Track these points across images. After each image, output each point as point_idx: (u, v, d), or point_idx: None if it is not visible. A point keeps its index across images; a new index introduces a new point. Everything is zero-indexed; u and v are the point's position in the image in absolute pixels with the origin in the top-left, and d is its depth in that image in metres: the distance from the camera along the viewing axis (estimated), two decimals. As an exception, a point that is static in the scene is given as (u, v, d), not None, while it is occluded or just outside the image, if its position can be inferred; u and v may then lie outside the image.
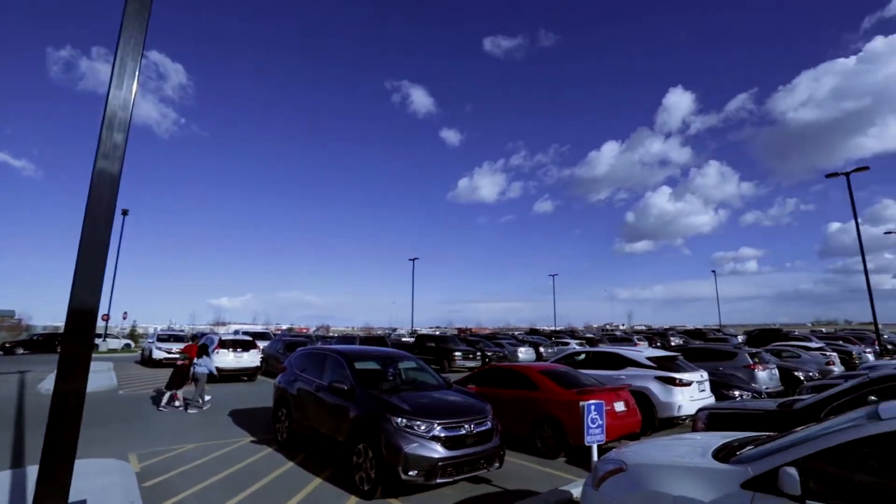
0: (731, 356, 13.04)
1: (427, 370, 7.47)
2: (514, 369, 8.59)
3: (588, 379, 8.22)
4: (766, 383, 12.37)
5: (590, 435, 5.63)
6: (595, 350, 11.25)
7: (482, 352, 25.15)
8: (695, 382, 9.03)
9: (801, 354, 17.76)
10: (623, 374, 9.43)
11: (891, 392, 4.90)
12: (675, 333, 44.82)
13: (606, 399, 7.05)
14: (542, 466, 6.92)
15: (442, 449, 5.34)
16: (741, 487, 2.78)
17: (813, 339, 23.20)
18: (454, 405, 6.05)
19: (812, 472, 2.58)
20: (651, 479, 3.22)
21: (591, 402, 5.74)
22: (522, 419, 7.75)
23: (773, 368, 13.03)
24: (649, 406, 8.86)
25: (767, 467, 2.72)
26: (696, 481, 2.99)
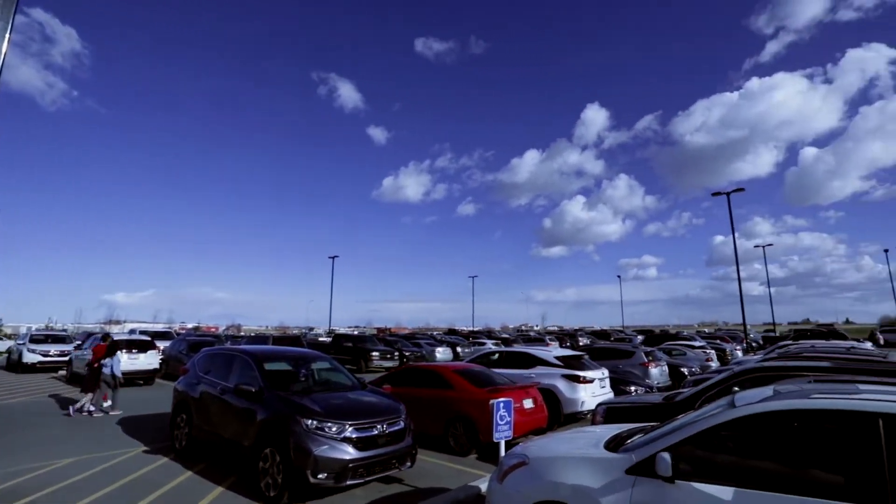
0: (630, 355, 14.25)
1: (341, 370, 7.35)
2: (429, 369, 8.72)
3: (500, 378, 8.55)
4: (658, 379, 13.67)
5: (498, 431, 5.88)
6: (508, 350, 11.76)
7: (400, 352, 25.15)
8: (597, 380, 9.76)
9: (686, 352, 19.84)
10: (533, 372, 9.94)
11: (750, 383, 5.64)
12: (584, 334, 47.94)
13: (516, 397, 7.40)
14: (455, 464, 7.10)
15: (353, 450, 5.29)
16: (626, 473, 3.08)
17: (696, 339, 26.01)
18: (367, 406, 6.02)
19: (682, 456, 2.93)
20: (550, 470, 3.45)
21: (500, 401, 6.00)
22: (437, 418, 7.89)
23: (663, 365, 14.44)
24: (556, 402, 9.43)
25: (647, 454, 3.04)
26: (588, 470, 3.26)
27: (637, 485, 3.00)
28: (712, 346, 23.59)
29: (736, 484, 2.72)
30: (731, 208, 28.50)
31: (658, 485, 2.90)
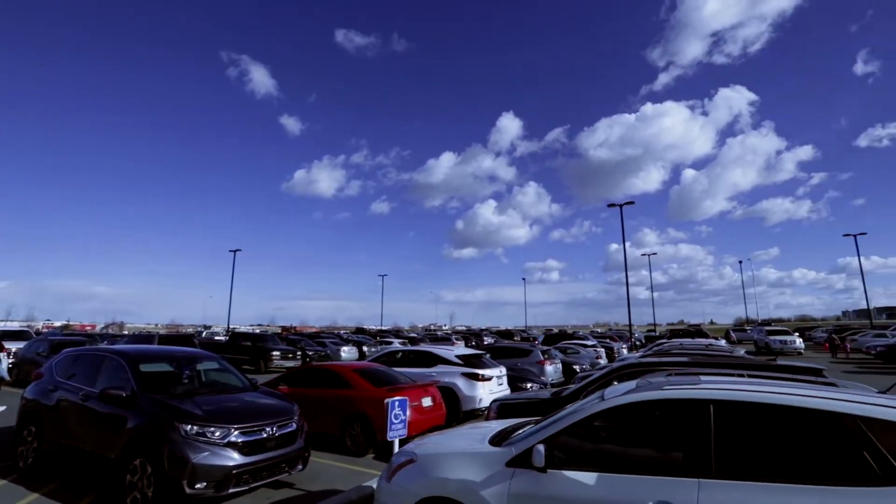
0: (527, 353, 15.06)
1: (231, 371, 6.88)
2: (328, 368, 8.51)
3: (401, 377, 8.58)
4: (552, 376, 14.60)
5: (392, 430, 5.89)
6: (411, 349, 11.85)
7: (303, 351, 24.25)
8: (495, 377, 10.17)
9: (579, 351, 21.44)
10: (434, 371, 10.11)
11: (626, 377, 6.22)
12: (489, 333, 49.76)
13: (415, 395, 7.46)
14: (351, 465, 6.98)
15: (238, 455, 4.98)
16: (506, 466, 3.24)
17: (589, 338, 28.21)
18: (257, 407, 5.70)
19: (557, 447, 3.15)
20: (437, 467, 3.52)
21: (395, 399, 6.01)
22: (334, 418, 7.72)
23: (557, 363, 15.45)
24: (456, 400, 9.68)
25: (525, 447, 3.22)
26: (473, 465, 3.38)
27: (515, 476, 3.16)
28: (602, 344, 25.71)
29: (601, 469, 2.98)
30: (624, 219, 31.39)
31: (533, 475, 3.09)
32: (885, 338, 28.90)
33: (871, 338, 30.38)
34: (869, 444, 2.47)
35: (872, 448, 2.46)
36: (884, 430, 2.49)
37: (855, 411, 2.59)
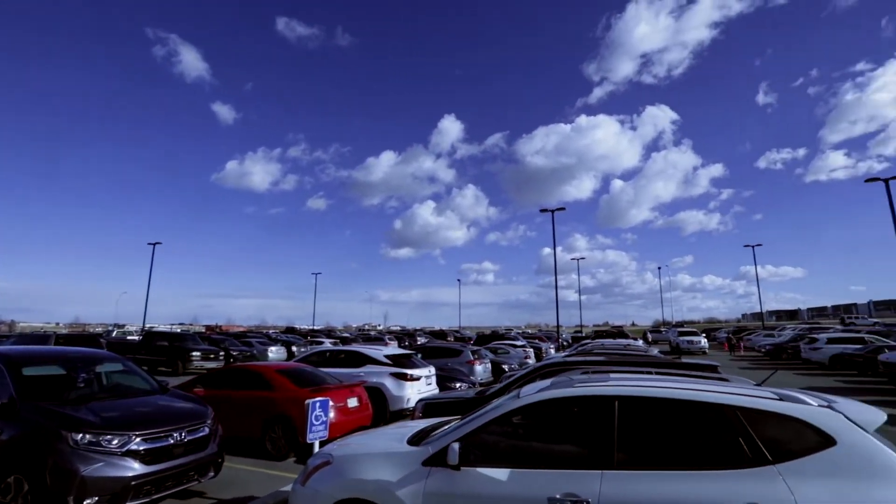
0: (458, 353, 15.25)
1: (137, 373, 6.35)
2: (248, 369, 8.11)
3: (327, 377, 8.36)
4: (482, 375, 14.88)
5: (312, 432, 5.71)
6: (338, 349, 11.60)
7: (227, 351, 22.98)
8: (423, 377, 10.20)
9: (509, 351, 22.04)
10: (363, 371, 9.95)
11: (548, 375, 6.47)
12: (423, 334, 49.89)
13: (340, 396, 7.30)
14: (270, 469, 6.68)
15: (139, 465, 4.58)
16: (422, 465, 3.24)
17: (519, 339, 29.09)
18: (164, 412, 5.30)
19: (472, 444, 3.19)
20: (354, 468, 3.46)
21: (316, 400, 5.83)
22: (254, 421, 7.37)
23: (487, 363, 15.78)
24: (384, 400, 9.59)
25: (441, 445, 3.24)
26: (390, 465, 3.35)
27: (431, 475, 3.18)
28: (531, 345, 26.58)
29: (513, 465, 3.06)
30: (555, 224, 32.70)
31: (448, 473, 3.12)
32: (772, 338, 32.40)
33: (761, 338, 33.98)
34: (744, 430, 2.74)
35: (746, 434, 2.73)
36: (754, 418, 2.77)
37: (733, 402, 2.86)
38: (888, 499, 2.40)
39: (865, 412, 2.80)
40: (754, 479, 2.60)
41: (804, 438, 2.67)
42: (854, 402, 2.92)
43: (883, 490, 2.43)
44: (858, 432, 2.63)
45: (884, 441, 2.66)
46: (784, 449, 2.66)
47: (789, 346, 27.77)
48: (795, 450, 2.65)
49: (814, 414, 2.74)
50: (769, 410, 2.80)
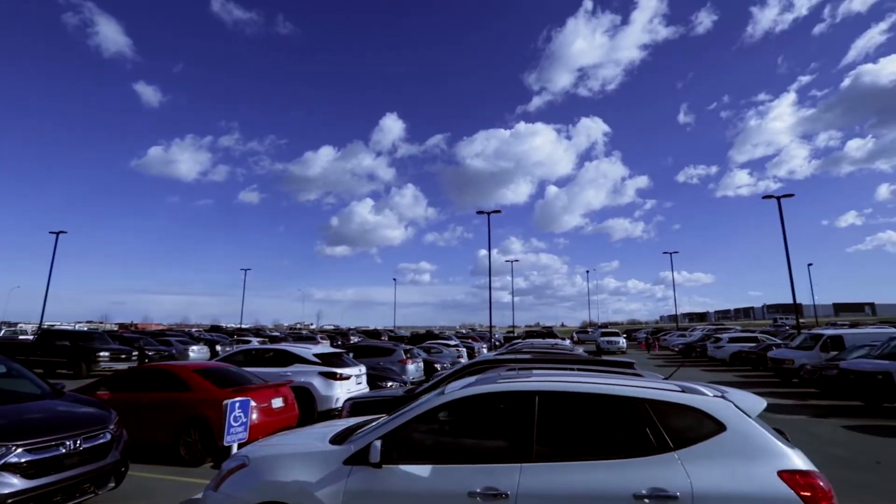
0: (390, 352, 15.14)
1: (25, 375, 5.68)
2: (163, 369, 7.54)
3: (252, 377, 7.97)
4: (414, 374, 14.88)
5: (230, 434, 5.41)
6: (264, 347, 11.12)
7: (141, 351, 21.28)
8: (353, 376, 10.00)
9: (442, 350, 22.23)
10: (290, 370, 9.60)
11: (477, 373, 6.58)
12: (357, 333, 49.08)
13: (263, 396, 6.98)
14: (184, 477, 6.24)
15: (19, 479, 4.06)
16: (343, 464, 3.17)
17: (453, 339, 29.41)
18: (56, 418, 4.77)
19: (395, 442, 3.16)
20: (271, 470, 3.30)
21: (235, 400, 5.54)
22: (168, 424, 6.85)
23: (419, 362, 15.79)
24: (311, 400, 9.30)
25: (364, 443, 3.19)
26: (310, 465, 3.23)
27: (352, 474, 3.11)
28: (465, 344, 27.01)
29: (436, 461, 3.06)
30: (491, 227, 33.41)
31: (370, 471, 3.06)
32: (684, 337, 35.19)
33: (675, 337, 36.83)
34: (650, 421, 2.93)
35: (652, 424, 2.92)
36: (660, 409, 2.98)
37: (642, 395, 3.05)
38: (766, 474, 2.68)
39: (750, 400, 3.10)
40: (657, 465, 2.79)
41: (700, 426, 2.91)
42: (741, 392, 3.22)
43: (762, 467, 2.71)
44: (744, 418, 2.91)
45: (763, 425, 2.95)
46: (684, 436, 2.88)
47: (698, 345, 30.31)
48: (693, 436, 2.88)
49: (709, 403, 2.99)
50: (672, 402, 3.02)
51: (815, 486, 2.62)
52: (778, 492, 2.61)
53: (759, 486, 2.64)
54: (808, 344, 17.32)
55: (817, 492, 2.59)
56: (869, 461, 7.14)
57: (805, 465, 2.72)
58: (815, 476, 2.67)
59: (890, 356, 12.10)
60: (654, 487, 2.69)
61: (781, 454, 2.76)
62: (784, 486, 2.62)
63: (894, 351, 12.20)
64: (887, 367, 11.49)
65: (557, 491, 2.80)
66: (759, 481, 2.66)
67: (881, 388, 11.26)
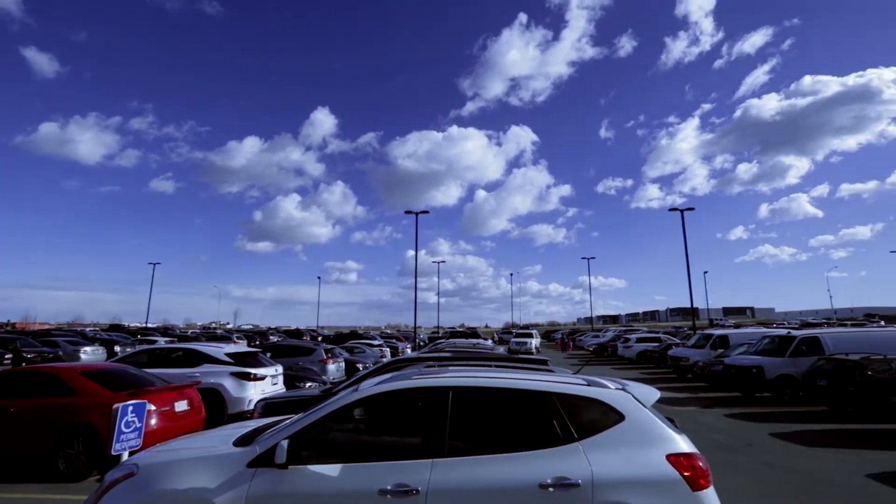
0: (310, 352, 14.62)
1: None
2: (42, 371, 6.66)
3: (154, 378, 7.30)
4: (335, 374, 14.48)
5: (120, 442, 4.90)
6: (171, 347, 10.28)
7: (18, 353, 18.76)
8: (269, 377, 9.53)
9: (365, 350, 21.89)
10: (199, 371, 8.94)
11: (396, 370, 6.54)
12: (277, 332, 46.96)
13: (163, 399, 6.42)
14: (63, 494, 5.54)
15: None
16: (247, 467, 2.99)
17: (376, 338, 29.09)
18: None
19: (305, 441, 3.04)
20: (163, 477, 3.03)
21: (127, 404, 5.03)
22: (44, 435, 6.05)
23: (341, 362, 15.41)
24: (222, 402, 8.73)
25: (270, 444, 3.03)
26: (207, 470, 3.01)
27: (256, 477, 2.94)
28: (389, 344, 26.83)
29: (347, 460, 2.98)
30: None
31: (276, 473, 2.92)
32: (598, 338, 37.56)
33: (589, 338, 39.22)
34: (558, 413, 3.08)
35: (559, 417, 3.06)
36: (567, 402, 3.13)
37: (551, 389, 3.20)
38: (657, 458, 2.91)
39: (646, 392, 3.36)
40: (562, 455, 2.93)
41: (603, 416, 3.10)
42: (639, 385, 3.48)
43: (654, 452, 2.94)
44: (641, 408, 3.14)
45: (657, 414, 3.21)
46: (588, 427, 3.05)
47: (609, 345, 32.49)
48: (596, 427, 3.06)
49: (610, 395, 3.19)
50: (578, 395, 3.19)
51: (696, 467, 2.89)
52: (665, 473, 2.85)
53: (651, 469, 2.87)
54: (701, 343, 19.22)
55: (696, 471, 2.86)
56: (742, 443, 8.04)
57: (689, 449, 2.99)
58: (696, 458, 2.95)
59: (762, 353, 13.79)
60: (558, 476, 2.82)
61: (670, 440, 3.01)
62: (671, 468, 2.86)
63: (766, 348, 13.92)
64: (759, 361, 13.08)
65: (468, 485, 2.84)
66: (651, 465, 2.88)
67: (755, 380, 12.79)
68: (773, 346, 13.66)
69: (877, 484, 5.95)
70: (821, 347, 12.80)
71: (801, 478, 6.20)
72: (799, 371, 12.18)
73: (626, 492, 2.79)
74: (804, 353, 12.73)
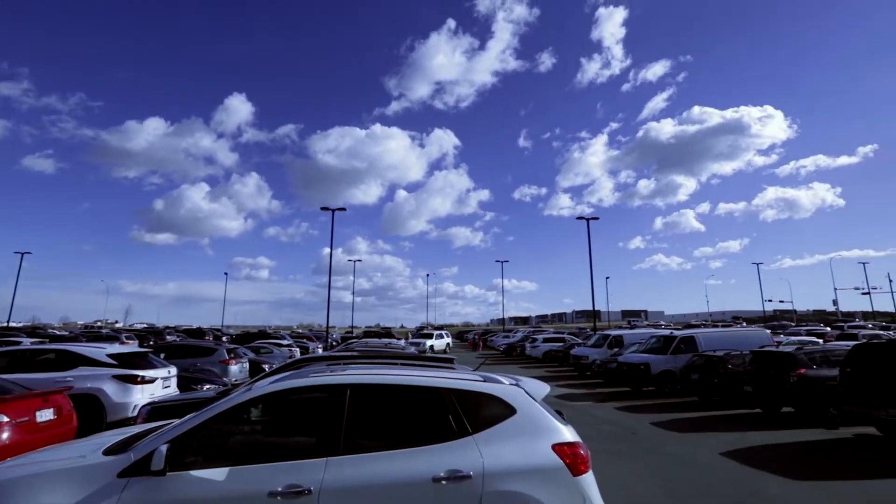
0: (211, 352, 13.66)
1: None
2: None
3: (11, 384, 6.37)
4: (238, 375, 13.64)
5: (-38, 456, 4.24)
6: (38, 348, 9.05)
7: None
8: (160, 379, 8.75)
9: (273, 350, 20.90)
10: (72, 374, 7.96)
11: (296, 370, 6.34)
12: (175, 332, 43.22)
13: (23, 408, 5.64)
14: None
15: None
16: (118, 477, 2.74)
17: (286, 338, 27.91)
18: None
19: (189, 445, 2.86)
20: (14, 495, 2.69)
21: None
22: None
23: (245, 362, 14.56)
24: (101, 409, 7.85)
25: (147, 450, 2.80)
26: (70, 483, 2.72)
27: (129, 487, 2.71)
28: (299, 344, 25.85)
29: (235, 462, 2.85)
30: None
31: (152, 482, 2.71)
32: (508, 338, 39.18)
33: (500, 338, 40.76)
34: (454, 409, 3.18)
35: (455, 412, 3.17)
36: (463, 398, 3.25)
37: (448, 385, 3.30)
38: (543, 448, 3.12)
39: (538, 386, 3.59)
40: (456, 449, 3.03)
41: (496, 411, 3.25)
42: (532, 380, 3.71)
43: (541, 442, 3.15)
44: (532, 402, 3.34)
45: (546, 407, 3.44)
46: (482, 421, 3.19)
47: (518, 345, 34.02)
48: (490, 421, 3.20)
49: (504, 391, 3.36)
50: (473, 390, 3.32)
51: (577, 454, 3.14)
52: (550, 462, 3.06)
53: (537, 458, 3.07)
54: (600, 342, 20.81)
55: (577, 458, 3.12)
56: (627, 433, 8.87)
57: (572, 438, 3.24)
58: (579, 446, 3.21)
59: (649, 351, 15.30)
60: (451, 469, 2.92)
61: (557, 430, 3.24)
62: (555, 457, 3.08)
63: (652, 347, 15.46)
64: (646, 359, 14.50)
65: (362, 481, 2.84)
66: (538, 454, 3.08)
67: (642, 375, 14.15)
68: (658, 345, 15.19)
69: (727, 460, 6.95)
70: (696, 345, 14.47)
71: (670, 460, 6.99)
72: (678, 367, 13.64)
73: (514, 481, 2.96)
74: (683, 351, 14.31)
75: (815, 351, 10.69)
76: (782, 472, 6.33)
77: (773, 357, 10.67)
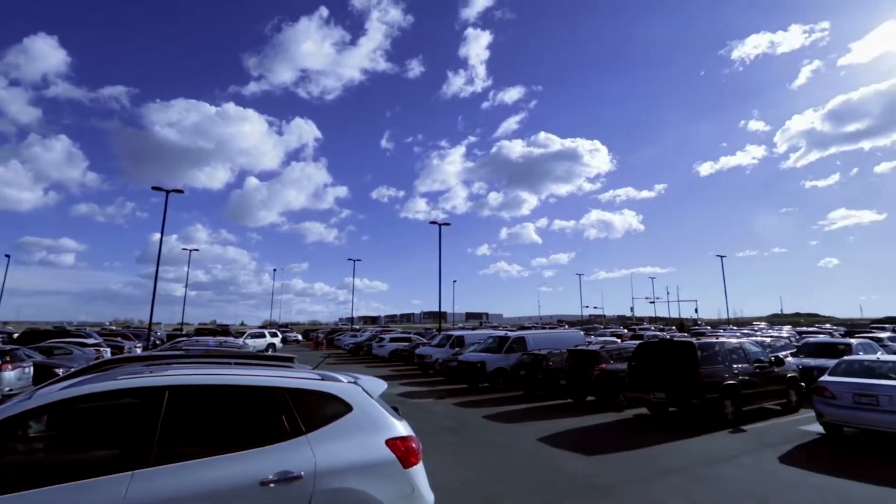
0: (-25, 354, 10.82)
1: None
2: None
3: None
4: (14, 383, 11.07)
5: None
6: None
7: None
8: None
9: (74, 351, 17.44)
10: None
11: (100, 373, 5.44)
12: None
13: None
14: None
15: None
16: None
17: (94, 336, 23.57)
18: None
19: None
20: None
21: None
22: None
23: (28, 367, 11.88)
24: None
25: None
26: None
27: None
28: (111, 343, 22.06)
29: (5, 490, 2.34)
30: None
31: None
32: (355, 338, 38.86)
33: (347, 338, 40.23)
34: (287, 408, 3.08)
35: (289, 411, 3.07)
36: (298, 397, 3.17)
37: (282, 384, 3.19)
38: (377, 443, 3.20)
39: (375, 384, 3.67)
40: (288, 449, 2.94)
41: (333, 409, 3.24)
42: (370, 378, 3.78)
43: (376, 438, 3.23)
44: (368, 399, 3.41)
45: (382, 404, 3.55)
46: (317, 419, 3.15)
47: (365, 344, 33.91)
48: (325, 419, 3.18)
49: (341, 388, 3.37)
50: (309, 389, 3.26)
51: (408, 448, 3.30)
52: (384, 456, 3.16)
53: (371, 453, 3.14)
54: (443, 342, 21.91)
55: (408, 452, 3.27)
56: (461, 426, 9.56)
57: (405, 433, 3.39)
58: (411, 440, 3.37)
59: (486, 350, 16.68)
60: (280, 471, 2.82)
61: (391, 426, 3.36)
62: (388, 451, 3.19)
63: (489, 346, 16.88)
64: (483, 357, 15.79)
65: (176, 493, 2.58)
66: (372, 450, 3.16)
67: (478, 373, 15.35)
68: (494, 345, 16.62)
69: (542, 444, 7.96)
70: (526, 345, 16.21)
71: (495, 448, 7.75)
72: (510, 364, 15.10)
73: (348, 477, 2.98)
74: (514, 350, 15.89)
75: (613, 349, 12.88)
76: (581, 450, 7.51)
77: (583, 354, 12.56)
